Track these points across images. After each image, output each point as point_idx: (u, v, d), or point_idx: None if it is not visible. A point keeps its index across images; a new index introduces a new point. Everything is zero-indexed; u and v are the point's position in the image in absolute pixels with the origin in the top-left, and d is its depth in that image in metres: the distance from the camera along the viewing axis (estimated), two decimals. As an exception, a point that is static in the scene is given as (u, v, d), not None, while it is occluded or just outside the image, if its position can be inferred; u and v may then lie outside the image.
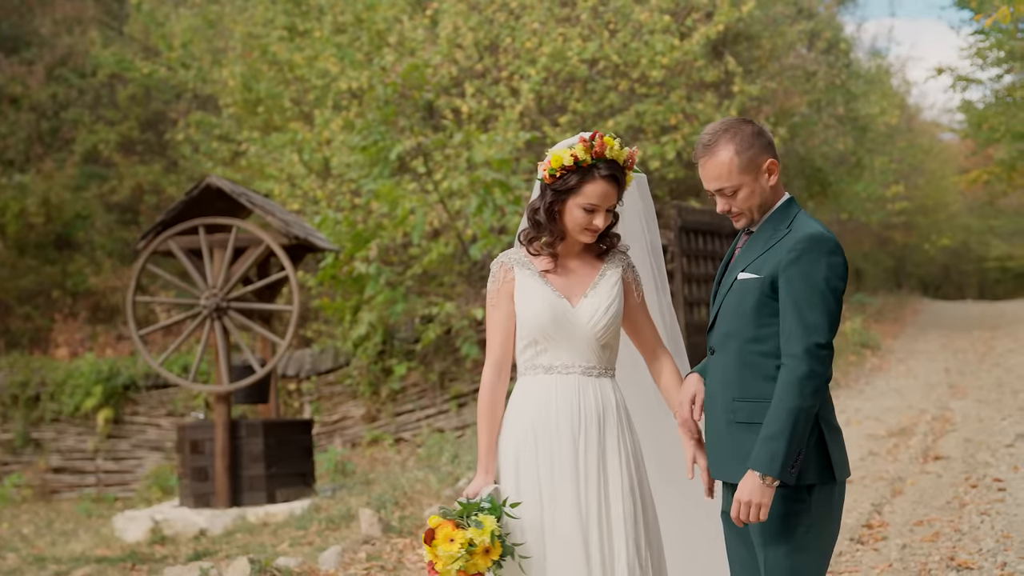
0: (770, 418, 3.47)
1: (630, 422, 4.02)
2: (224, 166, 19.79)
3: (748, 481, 3.48)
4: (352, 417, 15.01)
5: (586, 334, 3.95)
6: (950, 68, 22.21)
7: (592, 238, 4.00)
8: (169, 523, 10.16)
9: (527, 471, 3.91)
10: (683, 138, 15.94)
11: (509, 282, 4.02)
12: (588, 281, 4.02)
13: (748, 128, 3.64)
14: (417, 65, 14.91)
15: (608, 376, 4.01)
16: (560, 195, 3.93)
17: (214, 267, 10.42)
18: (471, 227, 14.26)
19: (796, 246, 3.54)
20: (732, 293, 3.68)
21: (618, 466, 3.89)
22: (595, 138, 3.91)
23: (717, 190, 3.67)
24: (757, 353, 3.60)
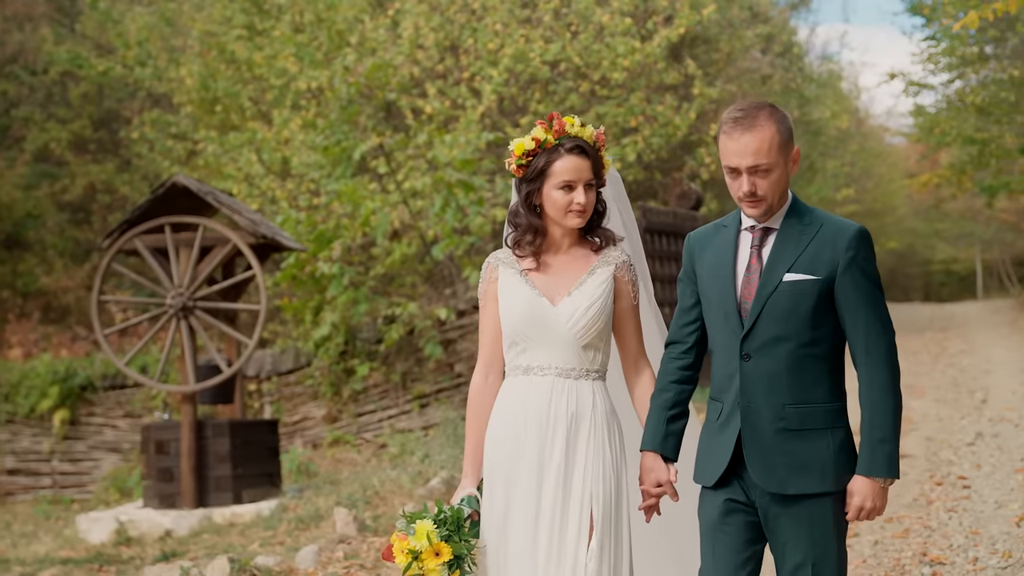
0: (876, 422, 3.45)
1: (612, 428, 3.85)
2: (180, 165, 19.63)
3: (866, 486, 3.47)
4: (313, 418, 14.94)
5: (565, 335, 3.81)
6: (902, 73, 22.51)
7: (581, 220, 3.85)
8: (134, 524, 10.06)
9: (496, 475, 3.83)
10: (643, 140, 16.05)
11: (493, 282, 3.94)
12: (576, 278, 3.88)
13: (782, 112, 3.53)
14: (380, 65, 14.89)
15: (590, 379, 3.85)
16: (534, 183, 3.84)
17: (180, 266, 10.34)
18: (432, 228, 14.25)
19: (852, 243, 3.48)
20: (781, 295, 3.50)
21: (582, 474, 3.74)
22: (553, 119, 3.84)
23: (751, 167, 3.47)
24: (811, 356, 3.51)
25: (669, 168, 18.10)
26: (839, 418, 3.55)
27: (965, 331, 21.08)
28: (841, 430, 3.54)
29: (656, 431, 3.72)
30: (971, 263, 46.13)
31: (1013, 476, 8.56)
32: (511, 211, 3.96)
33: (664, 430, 3.71)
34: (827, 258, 3.48)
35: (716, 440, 3.62)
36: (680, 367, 3.75)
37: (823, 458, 3.49)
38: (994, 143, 20.89)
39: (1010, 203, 29.14)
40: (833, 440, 3.51)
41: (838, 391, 3.57)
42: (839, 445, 3.52)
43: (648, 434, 3.75)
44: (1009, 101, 19.18)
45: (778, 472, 3.49)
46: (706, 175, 17.59)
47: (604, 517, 3.73)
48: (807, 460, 3.47)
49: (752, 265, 3.57)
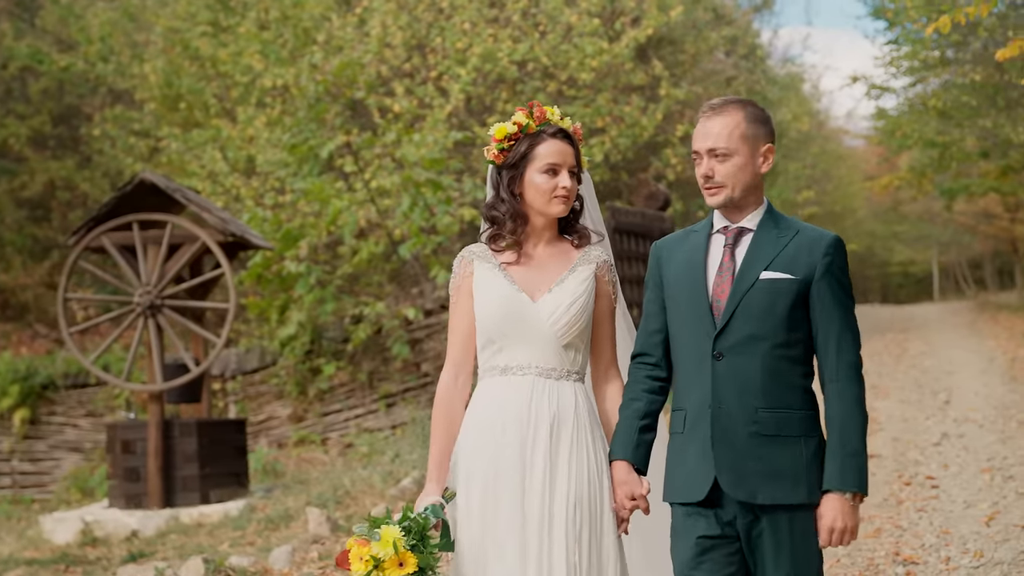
0: (846, 435, 3.37)
1: (594, 431, 3.69)
2: (142, 162, 19.46)
3: (836, 504, 3.37)
4: (278, 417, 14.85)
5: (545, 332, 3.64)
6: (864, 77, 22.69)
7: (565, 205, 3.70)
8: (100, 524, 9.96)
9: (475, 483, 3.63)
10: (610, 140, 16.08)
11: (468, 277, 3.76)
12: (556, 275, 3.71)
13: (760, 109, 3.53)
14: (348, 63, 14.83)
15: (571, 379, 3.69)
16: (515, 168, 3.70)
17: (148, 264, 10.24)
18: (399, 227, 14.21)
19: (830, 250, 3.45)
20: (757, 293, 3.43)
21: (566, 478, 3.57)
22: (533, 106, 3.72)
23: (710, 149, 3.47)
24: (786, 359, 3.44)
25: (635, 169, 18.15)
26: (813, 426, 3.47)
27: (925, 332, 21.28)
28: (814, 439, 3.45)
29: (627, 440, 3.58)
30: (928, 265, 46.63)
31: (980, 476, 8.65)
32: (487, 204, 3.78)
33: (636, 439, 3.58)
34: (805, 261, 3.44)
35: (686, 451, 3.49)
36: (650, 377, 3.63)
37: (796, 466, 3.40)
38: (955, 146, 21.12)
39: (968, 206, 29.47)
40: (807, 449, 3.42)
41: (812, 399, 3.50)
42: (812, 454, 3.43)
43: (618, 444, 3.60)
44: (971, 105, 19.37)
45: (749, 480, 3.39)
46: (672, 176, 17.66)
47: (591, 522, 3.58)
48: (780, 468, 3.39)
49: (724, 263, 3.50)
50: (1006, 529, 7.06)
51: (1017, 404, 11.77)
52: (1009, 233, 30.92)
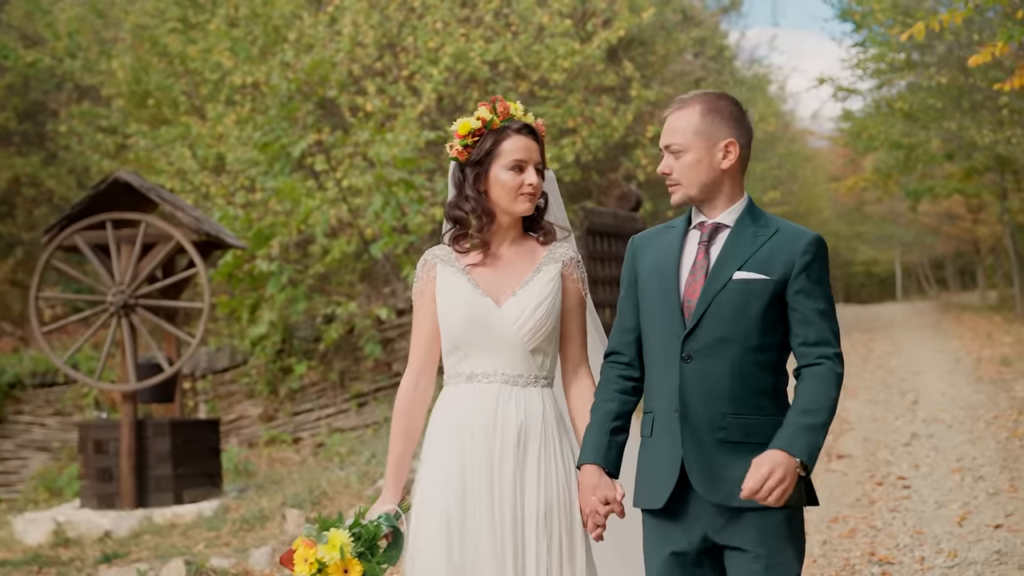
0: (815, 406, 3.18)
1: (563, 438, 3.60)
2: (109, 159, 19.34)
3: (779, 458, 3.14)
4: (249, 416, 14.81)
5: (511, 338, 3.54)
6: (831, 78, 22.89)
7: (531, 203, 3.60)
8: (72, 525, 9.90)
9: (437, 494, 3.51)
10: (581, 141, 16.14)
11: (431, 281, 3.65)
12: (522, 276, 3.60)
13: (725, 102, 3.38)
14: (321, 61, 14.80)
15: (539, 385, 3.59)
16: (480, 165, 3.58)
17: (121, 263, 10.19)
18: (370, 226, 14.20)
19: (809, 248, 3.29)
20: (730, 293, 3.28)
21: (535, 487, 3.48)
22: (496, 101, 3.63)
23: (666, 145, 3.38)
24: (757, 363, 3.28)
25: (605, 169, 18.22)
26: None
27: (890, 333, 21.49)
28: None
29: (599, 443, 3.44)
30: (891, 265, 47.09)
31: (950, 476, 8.76)
32: (450, 203, 3.66)
33: (607, 442, 3.43)
34: (782, 260, 3.29)
35: (653, 455, 3.38)
36: (623, 377, 3.49)
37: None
38: (920, 148, 21.34)
39: (932, 207, 29.78)
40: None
41: (783, 404, 3.35)
42: None
43: (589, 447, 3.46)
44: (936, 108, 19.57)
45: (724, 484, 3.25)
46: (642, 176, 17.75)
47: (561, 530, 3.50)
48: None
49: (698, 261, 3.36)
50: (978, 529, 7.15)
51: (984, 404, 11.92)
52: (971, 234, 31.26)
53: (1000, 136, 19.09)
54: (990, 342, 18.26)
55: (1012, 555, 6.51)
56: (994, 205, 25.56)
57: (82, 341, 10.37)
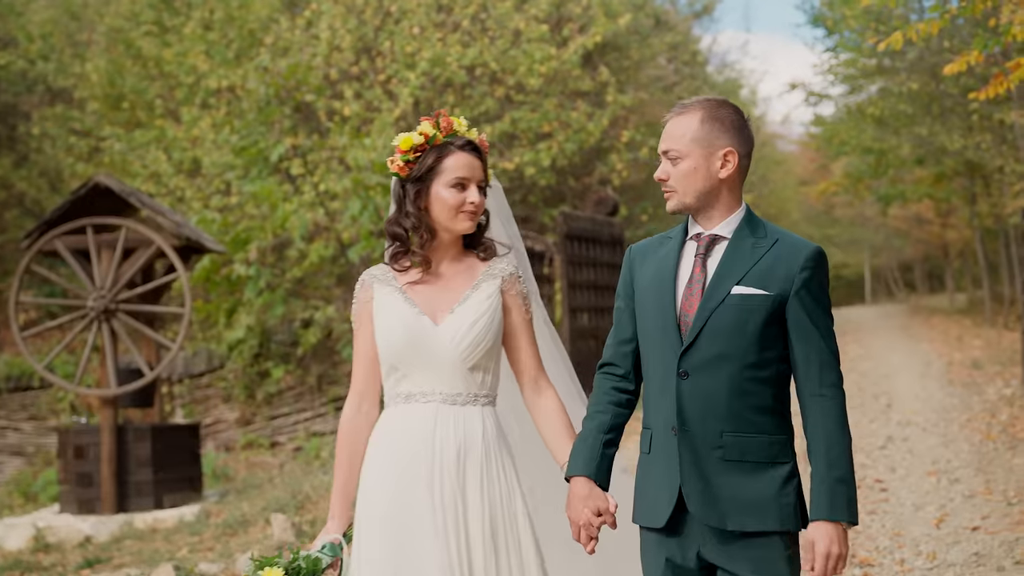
0: (836, 453, 3.15)
1: (503, 458, 3.52)
2: (82, 162, 19.27)
3: (830, 529, 3.11)
4: (225, 421, 14.81)
5: (449, 356, 3.46)
6: (803, 84, 23.08)
7: (472, 221, 3.54)
8: (52, 530, 9.88)
9: (377, 520, 3.43)
10: (557, 145, 16.23)
11: (368, 302, 3.58)
12: (460, 293, 3.54)
13: (727, 110, 3.30)
14: (298, 66, 14.82)
15: (479, 404, 3.51)
16: (421, 182, 3.51)
17: (102, 268, 10.18)
18: (346, 230, 14.23)
19: (808, 263, 3.22)
20: (728, 309, 3.20)
21: (479, 510, 3.41)
22: (439, 116, 3.54)
23: (664, 151, 3.28)
24: (755, 380, 3.21)
25: (581, 174, 18.32)
26: (784, 452, 3.24)
27: (861, 336, 21.69)
28: (786, 466, 3.23)
29: (591, 455, 3.35)
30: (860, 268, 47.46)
31: (927, 479, 8.89)
32: (390, 220, 3.60)
33: (599, 454, 3.35)
34: (781, 274, 3.21)
35: (651, 472, 3.31)
36: (617, 389, 3.42)
37: (765, 495, 3.18)
38: (891, 153, 21.55)
39: (901, 211, 30.03)
40: (776, 476, 3.20)
41: (784, 423, 3.27)
42: (783, 481, 3.21)
43: (580, 459, 3.37)
44: (907, 113, 19.77)
45: (719, 505, 3.18)
46: (617, 181, 17.85)
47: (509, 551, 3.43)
48: (747, 496, 3.17)
49: (695, 275, 3.27)
50: (956, 531, 7.27)
51: (956, 407, 12.08)
52: (940, 238, 31.53)
53: (970, 142, 19.32)
54: (960, 345, 18.48)
55: (990, 557, 6.62)
56: (963, 210, 25.83)
57: (61, 346, 10.35)
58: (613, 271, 13.83)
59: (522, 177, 16.39)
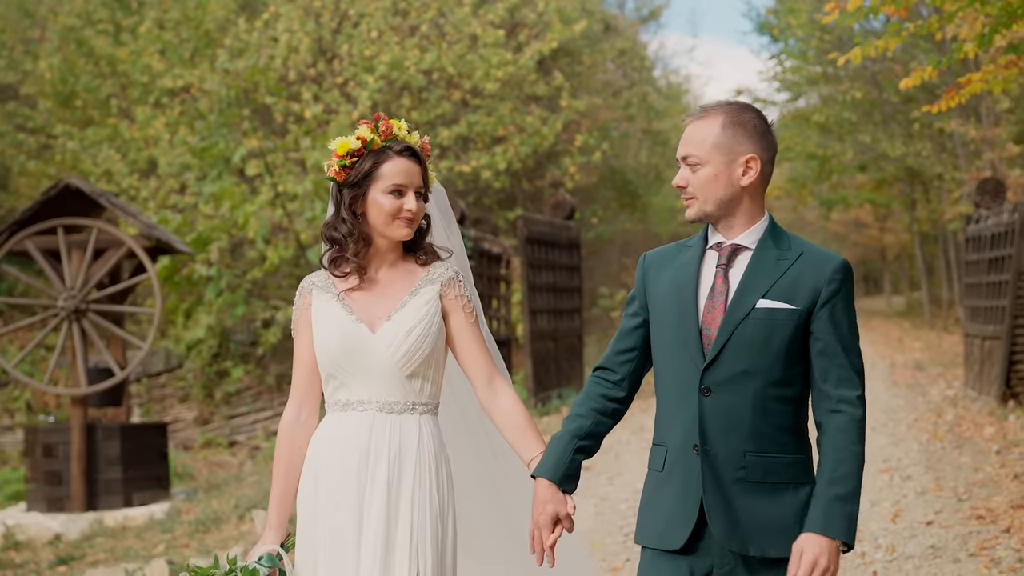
0: (842, 471, 2.99)
1: (440, 469, 3.43)
2: (33, 159, 19.20)
3: (822, 542, 2.95)
4: (183, 420, 14.89)
5: (385, 364, 3.36)
6: (748, 90, 23.58)
7: (410, 228, 3.42)
8: (21, 528, 9.95)
9: (308, 529, 3.37)
10: (513, 149, 16.50)
11: (306, 309, 3.49)
12: (398, 300, 3.43)
13: (750, 114, 3.17)
14: (259, 68, 14.94)
15: (416, 412, 3.41)
16: (358, 187, 3.39)
17: (72, 268, 10.27)
18: (304, 232, 14.39)
19: (836, 275, 3.08)
20: (753, 323, 3.07)
21: (409, 521, 3.32)
22: (379, 119, 3.43)
23: (683, 157, 3.17)
24: (779, 399, 3.07)
25: (534, 177, 18.61)
26: (804, 473, 3.10)
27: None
28: (806, 487, 3.09)
29: (560, 459, 3.24)
30: (798, 271, 48.14)
31: (880, 476, 9.24)
32: (327, 223, 3.47)
33: (569, 459, 3.23)
34: (808, 288, 3.08)
35: (663, 493, 3.17)
36: (606, 396, 3.29)
37: (784, 518, 3.06)
38: (835, 159, 22.11)
39: (842, 215, 30.69)
40: (796, 498, 3.07)
41: (804, 442, 3.13)
42: (803, 504, 3.07)
43: (549, 460, 3.25)
44: (851, 121, 20.30)
45: (741, 528, 3.07)
46: (569, 184, 18.16)
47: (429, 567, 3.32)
48: (768, 519, 3.06)
49: (717, 286, 3.13)
50: (912, 526, 7.61)
51: (903, 408, 12.49)
52: (878, 242, 32.26)
53: (911, 149, 19.90)
54: (901, 347, 18.99)
55: (945, 549, 6.97)
56: (902, 215, 26.49)
57: (32, 344, 10.42)
58: (571, 273, 14.11)
59: (477, 180, 16.63)
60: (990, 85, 8.64)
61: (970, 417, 11.43)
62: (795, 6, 20.17)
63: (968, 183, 18.44)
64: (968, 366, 12.94)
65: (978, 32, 8.22)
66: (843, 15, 7.78)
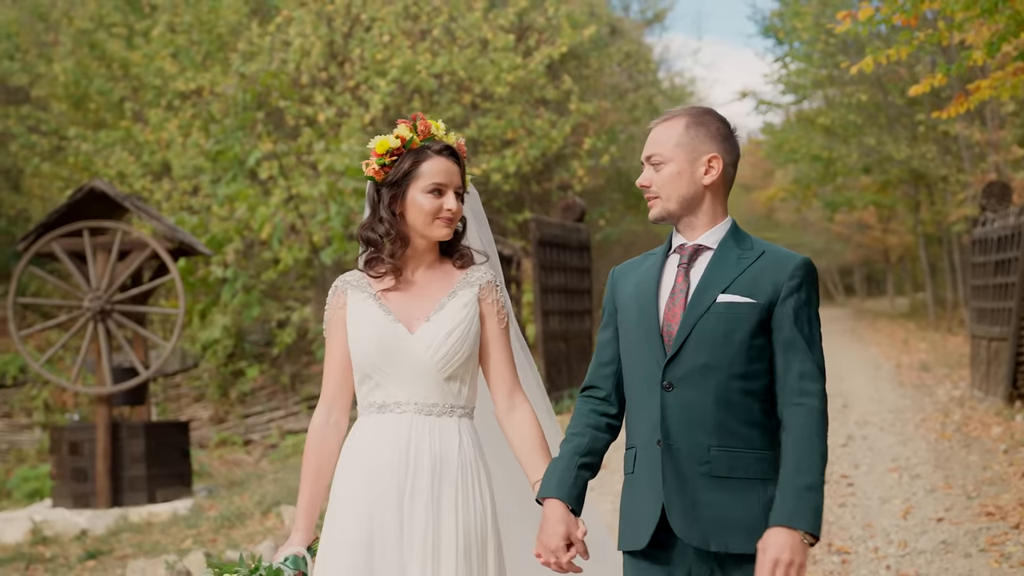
0: (806, 462, 2.97)
1: (480, 473, 3.38)
2: (46, 161, 19.40)
3: (784, 536, 2.93)
4: (199, 419, 15.09)
5: (424, 365, 3.31)
6: (753, 92, 23.78)
7: (449, 228, 3.39)
8: (48, 524, 10.16)
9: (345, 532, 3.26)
10: (522, 152, 16.70)
11: (341, 308, 3.43)
12: (436, 301, 3.39)
13: (711, 117, 3.21)
14: (275, 73, 15.15)
15: (455, 415, 3.36)
16: (398, 187, 3.36)
17: (97, 270, 10.48)
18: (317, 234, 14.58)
19: (797, 272, 3.10)
20: (713, 317, 3.08)
21: (454, 526, 3.26)
22: (416, 119, 3.39)
23: (647, 157, 3.21)
24: (742, 392, 3.07)
25: (542, 180, 18.82)
26: (772, 469, 3.08)
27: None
28: (774, 484, 3.06)
29: (564, 478, 3.18)
30: (801, 272, 48.30)
31: (889, 475, 9.44)
32: (364, 224, 3.43)
33: (573, 477, 3.18)
34: (769, 283, 3.09)
35: (636, 492, 3.18)
36: (598, 412, 3.27)
37: (752, 515, 3.04)
38: (840, 161, 22.30)
39: (845, 216, 30.88)
40: (764, 495, 3.05)
41: (772, 438, 3.11)
42: (769, 501, 3.04)
43: (553, 480, 3.19)
44: (856, 123, 20.49)
45: (701, 524, 3.04)
46: (578, 187, 18.36)
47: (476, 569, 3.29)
48: (734, 517, 3.03)
49: (678, 284, 3.16)
50: (923, 522, 7.81)
51: (910, 408, 12.69)
52: (881, 243, 32.43)
53: (915, 152, 20.08)
54: (907, 348, 19.18)
55: (956, 544, 7.17)
56: (906, 216, 26.67)
57: (58, 345, 10.62)
58: (581, 275, 14.32)
59: (487, 183, 16.83)
60: (998, 92, 8.85)
61: (977, 417, 11.63)
62: (800, 9, 20.37)
63: (973, 185, 18.64)
64: (974, 367, 13.13)
65: (987, 40, 8.42)
66: (855, 24, 7.99)
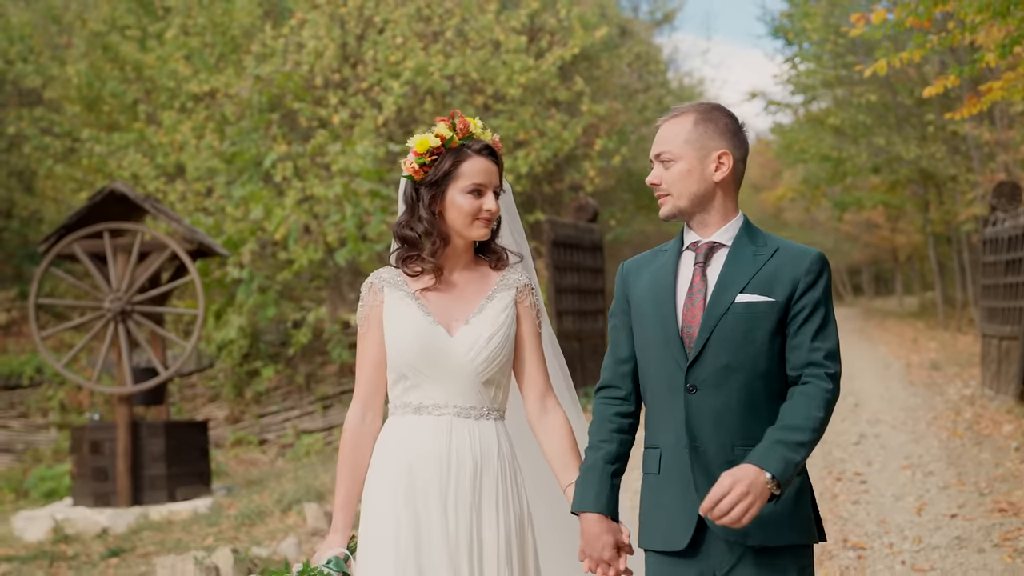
0: (796, 424, 2.95)
1: (517, 475, 3.39)
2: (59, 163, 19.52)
3: (752, 472, 2.90)
4: (215, 419, 15.21)
5: (464, 369, 3.29)
6: (763, 93, 23.87)
7: (487, 228, 3.37)
8: (70, 522, 10.29)
9: (384, 534, 3.24)
10: (535, 153, 16.80)
11: (378, 306, 3.39)
12: (475, 303, 3.37)
13: (720, 113, 3.19)
14: (290, 75, 15.27)
15: (492, 418, 3.36)
16: (437, 186, 3.32)
17: (118, 271, 10.60)
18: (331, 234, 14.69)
19: (813, 267, 3.09)
20: (733, 318, 3.07)
21: (495, 528, 3.27)
22: (455, 116, 3.37)
23: (656, 155, 3.18)
24: (767, 391, 3.07)
25: (554, 181, 18.93)
26: None
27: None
28: (799, 477, 3.08)
29: (600, 489, 3.18)
30: (809, 271, 48.39)
31: (902, 472, 9.54)
32: (400, 222, 3.39)
33: (609, 487, 3.19)
34: (786, 280, 3.09)
35: (663, 494, 3.16)
36: (619, 414, 3.26)
37: (782, 509, 3.05)
38: (849, 161, 22.38)
39: (854, 216, 30.96)
40: (791, 489, 3.06)
41: None
42: (796, 493, 3.08)
43: (590, 493, 3.19)
44: (865, 124, 20.58)
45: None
46: (590, 188, 18.47)
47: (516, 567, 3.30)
48: (765, 512, 3.01)
49: (695, 284, 3.13)
50: (936, 519, 7.91)
51: (920, 407, 12.78)
52: (890, 243, 32.50)
53: (925, 151, 20.15)
54: (916, 348, 19.25)
55: (970, 540, 7.27)
56: (915, 216, 26.74)
57: (80, 346, 10.74)
58: (595, 275, 14.43)
59: (501, 184, 16.93)
60: (1010, 93, 8.93)
61: (988, 415, 11.72)
62: (810, 10, 20.46)
63: (982, 185, 18.71)
64: (985, 366, 13.22)
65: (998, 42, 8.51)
66: (869, 27, 8.09)
